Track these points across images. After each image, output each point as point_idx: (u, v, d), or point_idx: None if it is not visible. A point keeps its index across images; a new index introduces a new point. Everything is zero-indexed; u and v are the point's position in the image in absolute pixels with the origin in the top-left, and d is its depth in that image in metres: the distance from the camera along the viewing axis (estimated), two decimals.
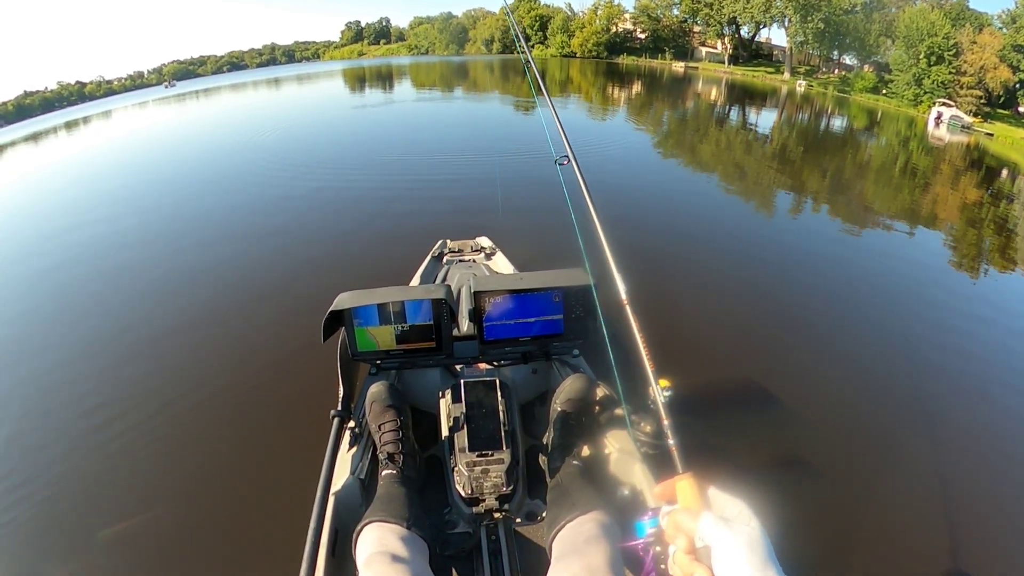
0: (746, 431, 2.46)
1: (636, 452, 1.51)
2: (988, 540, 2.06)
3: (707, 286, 4.03)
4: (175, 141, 12.57)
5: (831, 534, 2.00)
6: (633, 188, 6.68)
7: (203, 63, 77.21)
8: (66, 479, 2.26)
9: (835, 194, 7.70)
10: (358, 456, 1.50)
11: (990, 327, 3.83)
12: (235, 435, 2.45)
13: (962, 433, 2.62)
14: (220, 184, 7.39)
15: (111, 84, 65.13)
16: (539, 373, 1.82)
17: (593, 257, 1.02)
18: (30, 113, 46.29)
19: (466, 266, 2.70)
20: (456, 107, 15.96)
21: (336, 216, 5.52)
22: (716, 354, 3.12)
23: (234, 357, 3.03)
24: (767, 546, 0.49)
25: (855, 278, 4.51)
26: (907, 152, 12.77)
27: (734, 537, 0.49)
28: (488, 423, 1.46)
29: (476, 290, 1.60)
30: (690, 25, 39.58)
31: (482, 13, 57.56)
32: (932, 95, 21.09)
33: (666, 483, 0.57)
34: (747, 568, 0.47)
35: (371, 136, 10.98)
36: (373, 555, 1.09)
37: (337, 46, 78.84)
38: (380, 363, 1.70)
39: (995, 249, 5.93)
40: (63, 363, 3.14)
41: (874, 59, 28.54)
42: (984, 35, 21.33)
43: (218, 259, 4.57)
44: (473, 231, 3.14)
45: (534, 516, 1.41)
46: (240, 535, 1.95)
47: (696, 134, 12.47)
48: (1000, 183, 10.07)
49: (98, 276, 4.42)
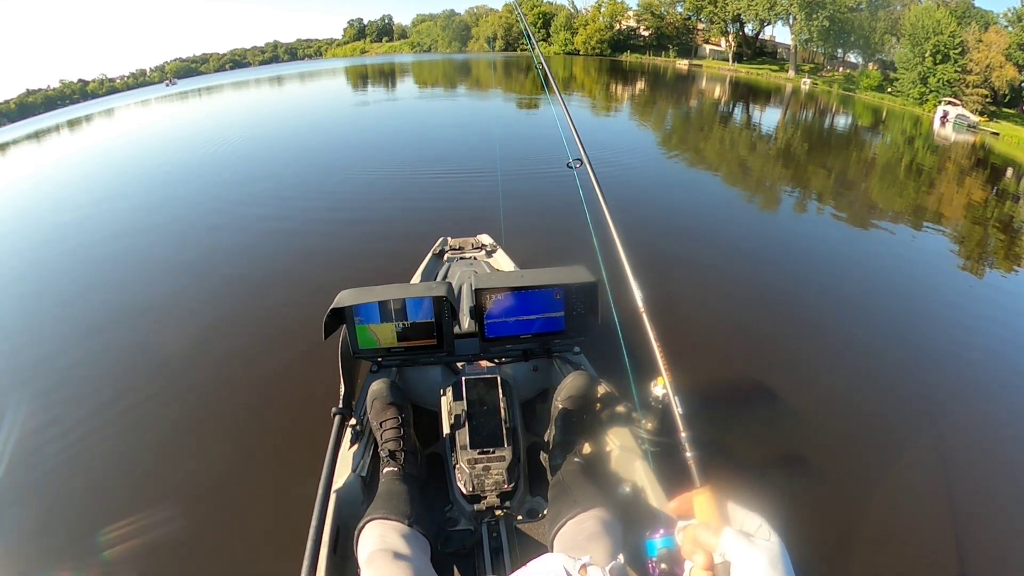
0: (759, 436, 2.46)
1: (638, 449, 1.50)
2: (989, 539, 2.05)
3: (713, 286, 4.00)
4: (178, 138, 12.59)
5: (843, 535, 1.99)
6: (636, 186, 6.66)
7: (205, 61, 77.27)
8: (67, 479, 2.27)
9: (842, 192, 7.66)
10: (359, 454, 1.50)
11: (997, 326, 3.80)
12: (236, 433, 2.45)
13: (971, 433, 2.61)
14: (221, 181, 7.41)
15: (113, 82, 65.23)
16: (540, 370, 1.81)
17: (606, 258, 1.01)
18: (32, 111, 46.39)
19: (467, 263, 2.69)
20: (458, 105, 15.93)
21: (337, 213, 5.52)
22: (724, 357, 3.10)
23: (235, 355, 3.03)
24: (787, 562, 0.48)
25: (862, 277, 4.49)
26: (913, 151, 12.68)
27: (756, 553, 0.48)
28: (489, 420, 1.46)
29: (477, 287, 1.60)
30: (694, 22, 39.37)
31: (485, 10, 57.44)
32: (938, 94, 20.93)
33: (683, 497, 0.55)
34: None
35: (371, 134, 10.98)
36: (375, 552, 1.09)
37: (340, 44, 78.79)
38: (381, 360, 1.70)
39: (1001, 248, 5.90)
40: (60, 360, 3.15)
41: (878, 57, 28.35)
42: (990, 33, 21.15)
43: (218, 256, 4.59)
44: (474, 229, 3.13)
45: (535, 513, 1.41)
46: (241, 533, 1.96)
47: (700, 133, 12.43)
48: (1006, 182, 10.00)
49: (99, 277, 4.42)
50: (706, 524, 0.52)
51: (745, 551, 0.48)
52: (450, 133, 10.53)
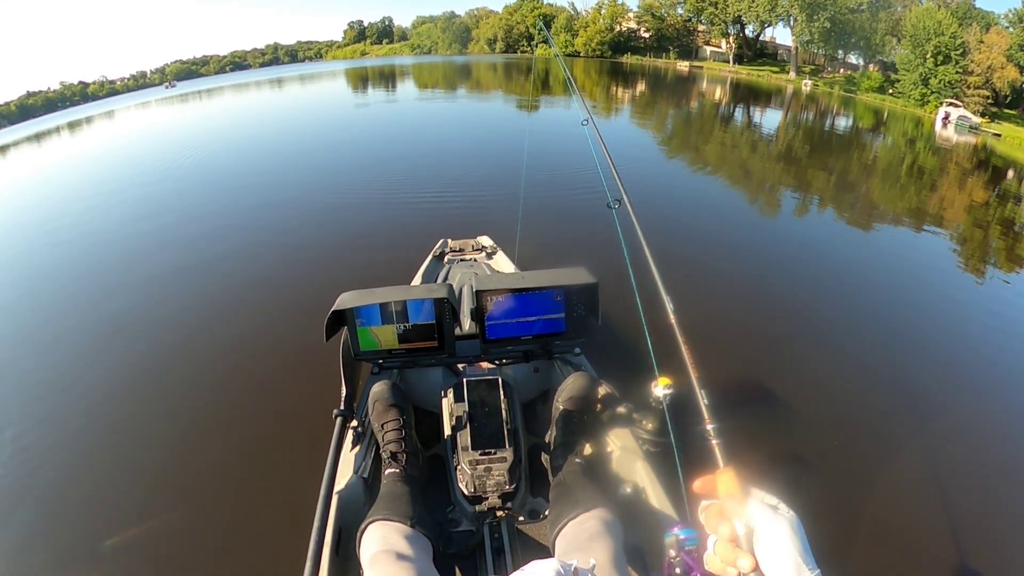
0: (769, 429, 2.48)
1: (638, 450, 1.51)
2: (991, 537, 2.05)
3: (720, 286, 4.01)
4: (180, 138, 12.62)
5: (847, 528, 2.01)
6: (640, 183, 6.65)
7: (206, 63, 77.45)
8: (69, 481, 2.27)
9: (842, 194, 7.66)
10: (361, 455, 1.50)
11: (1004, 324, 3.81)
12: (238, 436, 2.46)
13: (974, 430, 2.61)
14: (220, 185, 7.42)
15: (114, 84, 65.35)
16: (541, 372, 1.82)
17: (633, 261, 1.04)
18: (33, 113, 46.49)
19: (467, 265, 2.70)
20: (459, 107, 15.96)
21: (337, 216, 5.53)
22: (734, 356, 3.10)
23: (236, 359, 3.03)
24: (804, 534, 0.52)
25: (864, 273, 4.51)
26: (915, 152, 12.67)
27: (781, 521, 0.52)
28: (490, 422, 1.46)
29: (478, 289, 1.61)
30: (694, 24, 39.41)
31: (485, 12, 57.50)
32: (939, 95, 20.91)
33: (706, 477, 0.58)
34: (791, 550, 0.50)
35: (369, 137, 10.99)
36: (377, 554, 1.09)
37: (340, 46, 78.95)
38: (382, 362, 1.70)
39: (1003, 249, 5.90)
40: (61, 366, 3.14)
41: (879, 58, 28.35)
42: (991, 34, 21.14)
43: (218, 259, 4.59)
44: (475, 230, 3.14)
45: (537, 514, 1.41)
46: (244, 535, 1.96)
47: (701, 134, 12.43)
48: (1007, 184, 10.00)
49: (102, 281, 4.41)
50: (732, 496, 0.55)
51: (770, 519, 0.52)
52: (450, 135, 10.54)
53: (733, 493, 0.56)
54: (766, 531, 0.52)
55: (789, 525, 0.52)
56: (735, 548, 0.53)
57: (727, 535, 0.53)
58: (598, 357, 1.87)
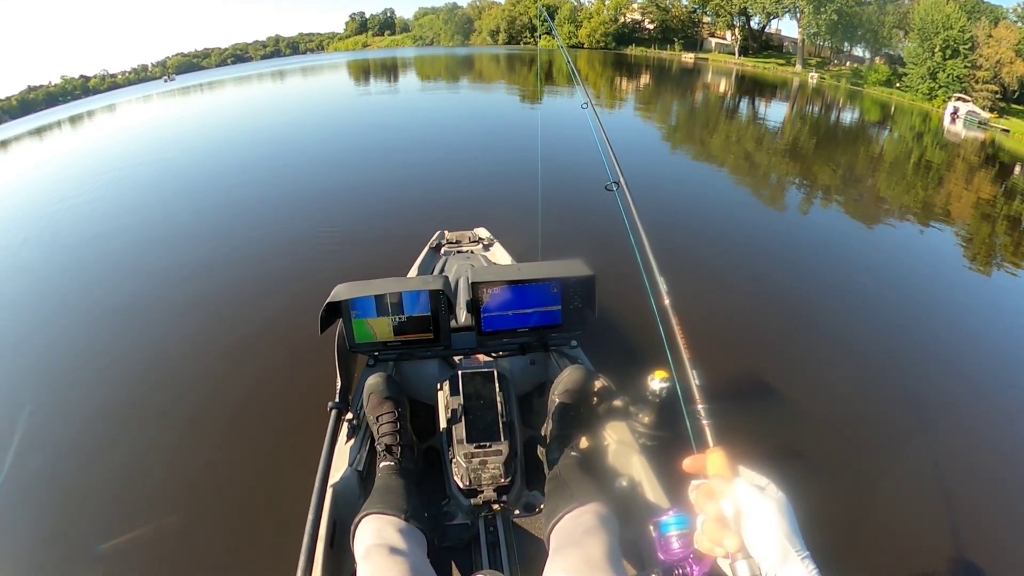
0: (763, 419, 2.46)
1: (634, 443, 1.49)
2: (993, 536, 2.04)
3: (721, 279, 3.98)
4: (174, 134, 12.59)
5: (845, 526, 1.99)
6: (641, 180, 6.60)
7: (207, 56, 77.09)
8: (64, 472, 2.27)
9: (848, 187, 7.60)
10: (356, 448, 1.49)
11: (1009, 322, 3.77)
12: (233, 428, 2.45)
13: (976, 428, 2.59)
14: (213, 178, 7.39)
15: (115, 78, 65.16)
16: (537, 364, 1.80)
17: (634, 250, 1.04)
18: (34, 108, 46.44)
19: (464, 257, 2.68)
20: (461, 98, 15.86)
21: (333, 207, 5.51)
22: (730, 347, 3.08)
23: (231, 351, 3.02)
24: (792, 514, 0.52)
25: (867, 269, 4.46)
26: (926, 148, 12.54)
27: (767, 501, 0.52)
28: (486, 414, 1.45)
29: (474, 281, 1.59)
30: (700, 15, 38.97)
31: (487, 3, 56.94)
32: (947, 89, 20.67)
33: (697, 456, 0.59)
34: (777, 531, 0.50)
35: (368, 126, 10.94)
36: (371, 547, 1.08)
37: (341, 38, 78.45)
38: (378, 355, 1.69)
39: (1010, 246, 5.84)
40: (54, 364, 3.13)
41: (886, 51, 27.99)
42: (1000, 29, 20.84)
43: (212, 252, 4.57)
44: (472, 222, 3.11)
45: (532, 508, 1.41)
46: (238, 528, 1.96)
47: (705, 127, 12.32)
48: (1015, 180, 9.89)
49: (96, 278, 4.38)
50: (720, 476, 0.55)
51: (757, 499, 0.52)
52: (449, 126, 10.47)
53: (722, 473, 0.56)
54: (752, 511, 0.52)
55: (776, 506, 0.51)
56: (722, 528, 0.52)
57: (714, 514, 0.53)
58: (595, 350, 1.85)
